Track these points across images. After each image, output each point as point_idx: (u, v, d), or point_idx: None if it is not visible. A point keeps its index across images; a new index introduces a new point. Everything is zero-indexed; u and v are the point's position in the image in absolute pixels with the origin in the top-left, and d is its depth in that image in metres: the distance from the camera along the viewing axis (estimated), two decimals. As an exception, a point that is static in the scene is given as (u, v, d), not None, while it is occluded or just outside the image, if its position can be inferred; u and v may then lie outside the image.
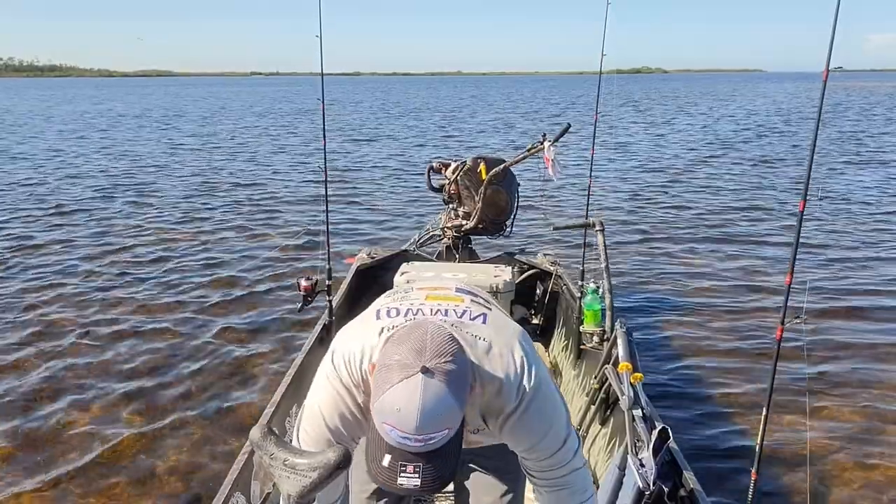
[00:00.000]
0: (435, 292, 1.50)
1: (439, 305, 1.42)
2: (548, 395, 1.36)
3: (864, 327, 5.34)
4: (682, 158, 15.45)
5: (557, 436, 1.39)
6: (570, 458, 1.41)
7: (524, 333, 1.42)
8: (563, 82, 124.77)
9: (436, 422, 1.09)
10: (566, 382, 3.58)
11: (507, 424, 1.35)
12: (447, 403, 1.09)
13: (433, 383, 1.09)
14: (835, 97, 43.52)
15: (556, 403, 1.39)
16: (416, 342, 1.14)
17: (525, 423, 1.35)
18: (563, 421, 1.40)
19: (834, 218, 9.12)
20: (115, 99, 52.74)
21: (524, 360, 1.34)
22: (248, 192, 11.40)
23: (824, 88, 1.94)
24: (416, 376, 1.09)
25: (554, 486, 1.43)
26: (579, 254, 3.72)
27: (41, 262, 7.04)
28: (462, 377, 1.14)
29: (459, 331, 1.33)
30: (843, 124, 23.77)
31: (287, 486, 1.14)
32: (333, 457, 1.11)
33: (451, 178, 4.27)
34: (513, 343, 1.36)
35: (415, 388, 1.08)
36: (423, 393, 1.08)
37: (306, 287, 3.35)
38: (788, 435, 3.78)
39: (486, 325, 1.38)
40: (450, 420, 1.11)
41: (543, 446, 1.39)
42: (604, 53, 3.55)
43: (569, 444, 1.40)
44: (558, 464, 1.40)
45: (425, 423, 1.08)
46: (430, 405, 1.08)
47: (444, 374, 1.10)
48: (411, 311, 1.40)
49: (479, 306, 1.45)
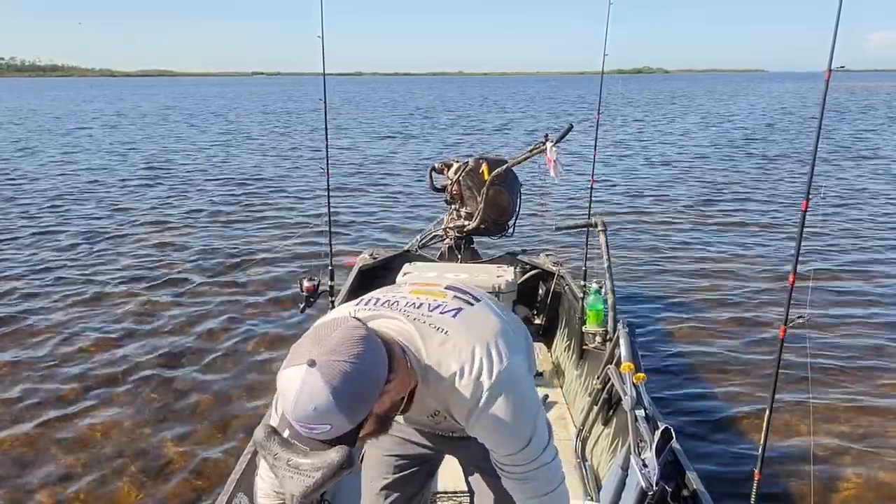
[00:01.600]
0: (422, 287, 1.51)
1: (417, 298, 1.44)
2: (512, 394, 1.34)
3: (867, 327, 5.33)
4: (684, 158, 15.44)
5: (520, 435, 1.37)
6: (534, 457, 1.40)
7: (505, 332, 1.41)
8: (565, 82, 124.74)
9: (311, 415, 1.09)
10: (569, 383, 3.58)
11: (469, 421, 1.35)
12: (324, 400, 1.08)
13: (314, 377, 1.09)
14: (837, 98, 43.46)
15: (522, 403, 1.37)
16: (319, 332, 1.16)
17: (486, 422, 1.34)
18: (528, 421, 1.38)
19: (837, 217, 9.12)
20: (129, 98, 52.73)
21: (484, 358, 1.32)
22: (249, 192, 11.41)
23: (826, 87, 1.94)
24: (301, 366, 1.10)
25: (517, 478, 1.43)
26: (581, 254, 3.72)
27: (18, 257, 7.06)
28: (356, 379, 1.11)
29: (421, 322, 1.35)
30: (843, 127, 23.73)
31: (290, 486, 1.14)
32: (337, 457, 1.11)
33: (452, 178, 4.27)
34: (477, 340, 1.34)
35: (296, 376, 1.10)
36: (301, 384, 1.09)
37: (309, 288, 3.35)
38: (792, 435, 3.78)
39: (454, 320, 1.38)
40: (329, 417, 1.10)
41: (506, 444, 1.39)
42: (606, 53, 3.55)
43: (534, 444, 1.38)
44: (522, 460, 1.40)
45: (299, 414, 1.10)
46: (306, 397, 1.08)
47: (329, 371, 1.09)
48: (388, 302, 1.43)
49: (460, 302, 1.45)
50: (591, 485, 2.71)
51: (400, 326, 1.35)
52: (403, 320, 1.36)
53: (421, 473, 1.77)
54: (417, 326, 1.34)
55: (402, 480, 1.74)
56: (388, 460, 1.73)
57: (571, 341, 3.72)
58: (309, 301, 3.37)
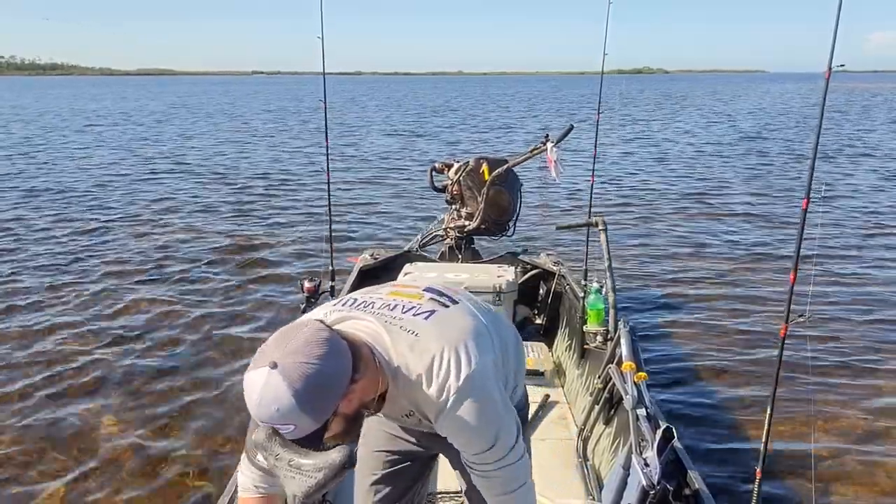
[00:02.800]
0: (400, 289, 1.53)
1: (393, 300, 1.46)
2: (479, 396, 1.35)
3: (868, 325, 5.33)
4: (685, 158, 15.44)
5: (486, 436, 1.39)
6: (500, 457, 1.42)
7: (478, 334, 1.41)
8: (565, 82, 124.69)
9: (274, 415, 1.12)
10: (570, 382, 3.58)
11: (437, 422, 1.38)
12: (286, 401, 1.11)
13: (276, 379, 1.11)
14: (837, 98, 43.45)
15: (488, 405, 1.38)
16: (283, 335, 1.19)
17: (452, 423, 1.36)
18: (494, 422, 1.40)
19: (838, 216, 9.12)
20: (132, 97, 52.67)
21: (452, 361, 1.33)
22: (249, 192, 11.41)
23: (826, 87, 1.94)
24: (263, 368, 1.12)
25: (482, 475, 1.47)
26: (582, 253, 3.72)
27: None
28: (318, 380, 1.13)
29: (391, 324, 1.37)
30: (844, 126, 23.72)
31: (292, 486, 1.14)
32: (338, 457, 1.11)
33: (453, 178, 4.28)
34: (446, 342, 1.35)
35: (258, 379, 1.12)
36: (263, 386, 1.11)
37: (309, 288, 3.35)
38: (793, 434, 3.78)
39: (425, 322, 1.39)
40: (292, 418, 1.12)
41: (472, 444, 1.41)
42: (606, 53, 3.55)
43: (500, 444, 1.41)
44: (489, 458, 1.43)
45: (262, 415, 1.12)
46: (267, 398, 1.11)
47: (290, 372, 1.11)
48: (364, 304, 1.45)
49: (435, 304, 1.46)
50: (592, 484, 2.71)
51: (370, 328, 1.37)
52: (374, 322, 1.38)
53: (412, 469, 1.79)
54: (387, 328, 1.36)
55: (392, 475, 1.76)
56: (379, 456, 1.75)
57: (572, 341, 3.72)
58: (310, 302, 3.36)
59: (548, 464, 2.87)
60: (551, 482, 2.68)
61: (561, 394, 3.56)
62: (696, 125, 24.61)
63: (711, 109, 34.31)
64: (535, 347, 3.87)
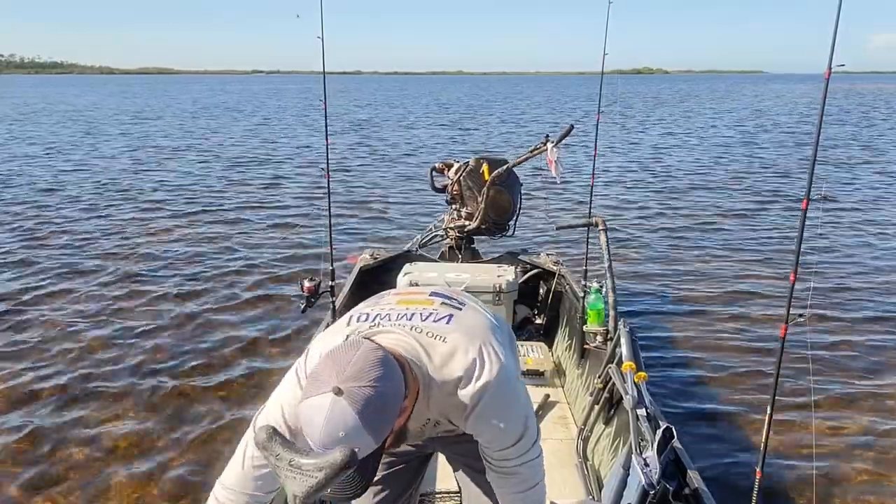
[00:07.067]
0: (407, 297, 1.56)
1: (407, 309, 1.48)
2: (505, 392, 1.40)
3: (868, 325, 5.34)
4: (686, 157, 15.44)
5: (515, 431, 1.44)
6: (522, 452, 1.47)
7: (496, 331, 1.47)
8: (566, 82, 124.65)
9: (339, 441, 1.13)
10: (570, 382, 3.58)
11: (469, 420, 1.41)
12: (352, 426, 1.13)
13: (341, 405, 1.13)
14: (837, 98, 43.42)
15: (514, 400, 1.44)
16: (340, 361, 1.19)
17: (485, 419, 1.40)
18: (520, 417, 1.45)
19: (838, 216, 9.12)
20: (133, 96, 52.65)
21: (485, 358, 1.38)
22: (249, 192, 11.40)
23: (826, 87, 1.94)
24: (328, 395, 1.14)
25: (504, 473, 1.50)
26: (582, 253, 3.71)
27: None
28: (381, 402, 1.17)
29: (420, 333, 1.39)
30: (844, 127, 23.71)
31: (293, 486, 1.14)
32: (340, 457, 1.11)
33: (453, 178, 4.28)
34: (473, 343, 1.40)
35: (323, 406, 1.14)
36: (329, 412, 1.13)
37: (309, 288, 3.35)
38: (793, 433, 3.78)
39: (449, 326, 1.43)
40: (356, 441, 1.14)
41: (501, 439, 1.45)
42: (606, 53, 3.54)
43: (524, 441, 1.46)
44: (512, 455, 1.47)
45: (327, 441, 1.13)
46: (334, 425, 1.13)
47: (355, 398, 1.14)
48: (379, 317, 1.46)
49: (448, 308, 1.50)
50: (592, 484, 2.71)
51: (402, 341, 1.38)
52: (402, 333, 1.39)
53: (409, 470, 1.81)
54: (417, 338, 1.38)
55: (390, 477, 1.78)
56: None
57: (572, 341, 3.72)
58: (310, 301, 3.36)
59: (548, 464, 2.85)
60: (551, 482, 2.66)
61: (561, 394, 3.56)
62: (696, 125, 24.61)
63: (711, 109, 34.32)
64: (535, 347, 3.87)
